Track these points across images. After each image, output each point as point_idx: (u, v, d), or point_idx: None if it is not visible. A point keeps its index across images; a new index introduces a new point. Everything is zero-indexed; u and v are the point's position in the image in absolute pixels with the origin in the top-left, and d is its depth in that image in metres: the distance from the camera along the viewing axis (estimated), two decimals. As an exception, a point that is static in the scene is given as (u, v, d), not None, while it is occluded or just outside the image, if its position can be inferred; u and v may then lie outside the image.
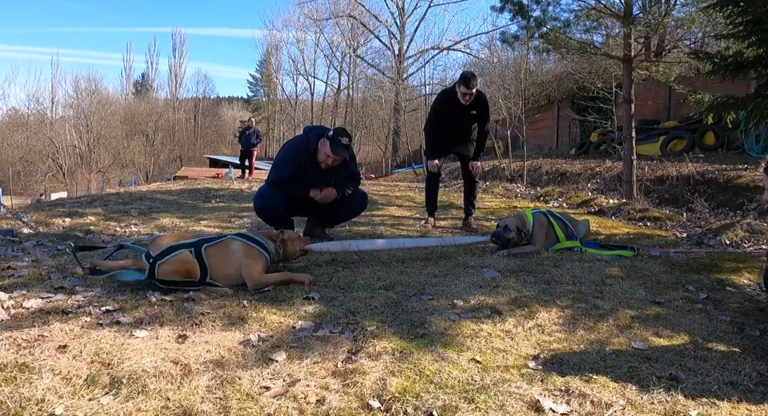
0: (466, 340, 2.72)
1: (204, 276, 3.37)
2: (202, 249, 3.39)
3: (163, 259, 3.31)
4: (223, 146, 55.83)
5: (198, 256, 3.36)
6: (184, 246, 3.40)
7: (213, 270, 3.40)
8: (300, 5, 44.44)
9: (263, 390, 2.13)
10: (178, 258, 3.33)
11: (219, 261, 3.42)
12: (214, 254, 3.42)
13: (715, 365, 2.53)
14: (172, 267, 3.31)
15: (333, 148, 4.54)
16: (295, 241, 3.90)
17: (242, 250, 3.50)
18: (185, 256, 3.34)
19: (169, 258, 3.32)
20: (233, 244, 3.52)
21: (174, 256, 3.33)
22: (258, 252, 3.54)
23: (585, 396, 2.15)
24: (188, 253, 3.35)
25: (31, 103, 51.36)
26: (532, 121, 18.53)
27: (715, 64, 6.12)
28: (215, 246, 3.47)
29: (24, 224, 4.76)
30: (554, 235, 4.92)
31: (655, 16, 8.76)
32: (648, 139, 13.78)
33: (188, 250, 3.37)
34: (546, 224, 4.91)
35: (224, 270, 3.43)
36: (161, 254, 3.33)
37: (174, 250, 3.36)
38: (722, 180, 8.62)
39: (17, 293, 3.14)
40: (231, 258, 3.46)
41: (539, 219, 4.90)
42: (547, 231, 4.90)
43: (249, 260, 3.47)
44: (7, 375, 2.12)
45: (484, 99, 6.20)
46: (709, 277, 4.13)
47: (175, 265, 3.31)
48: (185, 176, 28.28)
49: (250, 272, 3.45)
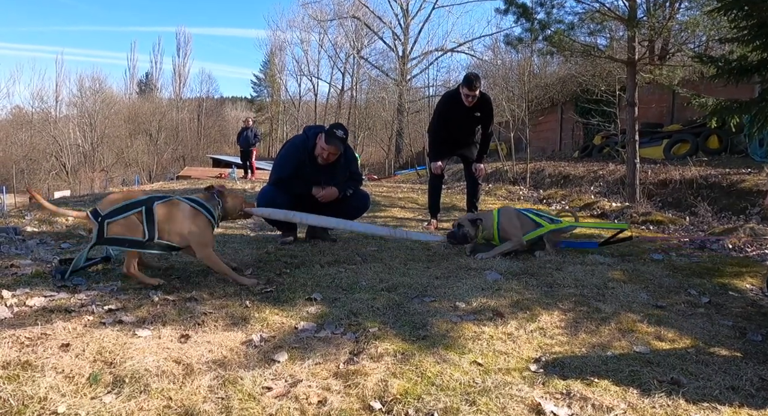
0: (467, 342, 2.72)
1: (152, 235, 3.36)
2: (154, 206, 3.39)
3: (113, 219, 3.31)
4: (226, 146, 55.82)
5: (149, 214, 3.36)
6: (135, 205, 3.37)
7: (162, 227, 3.40)
8: (304, 6, 44.72)
9: (265, 390, 2.13)
10: (128, 219, 3.33)
11: (169, 219, 3.43)
12: (164, 212, 3.42)
13: (716, 369, 2.53)
14: (119, 228, 3.31)
15: (327, 140, 4.61)
16: (236, 200, 3.89)
17: (190, 212, 3.51)
18: (132, 219, 3.34)
19: (119, 218, 3.32)
20: (182, 204, 3.52)
21: (125, 216, 3.33)
22: (206, 220, 3.56)
23: (586, 399, 2.15)
24: (136, 216, 3.34)
25: (36, 102, 51.50)
26: (535, 124, 18.53)
27: (719, 68, 6.12)
28: (165, 204, 3.45)
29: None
30: (531, 222, 4.78)
31: (660, 19, 8.76)
32: (651, 143, 13.77)
33: (139, 210, 3.35)
34: (514, 214, 4.80)
35: (174, 227, 3.44)
36: (111, 213, 3.32)
37: (126, 210, 3.34)
38: (725, 184, 8.60)
39: (20, 291, 3.15)
40: (179, 216, 3.47)
41: (505, 212, 4.79)
42: (521, 220, 4.76)
43: (196, 228, 3.48)
44: (10, 373, 2.13)
45: (487, 101, 6.21)
46: (712, 281, 4.12)
47: (122, 227, 3.31)
48: (188, 176, 28.36)
49: (199, 242, 3.49)
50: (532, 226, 4.78)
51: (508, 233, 4.69)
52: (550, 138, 22.64)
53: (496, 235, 4.72)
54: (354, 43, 41.77)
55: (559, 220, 4.88)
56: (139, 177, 35.57)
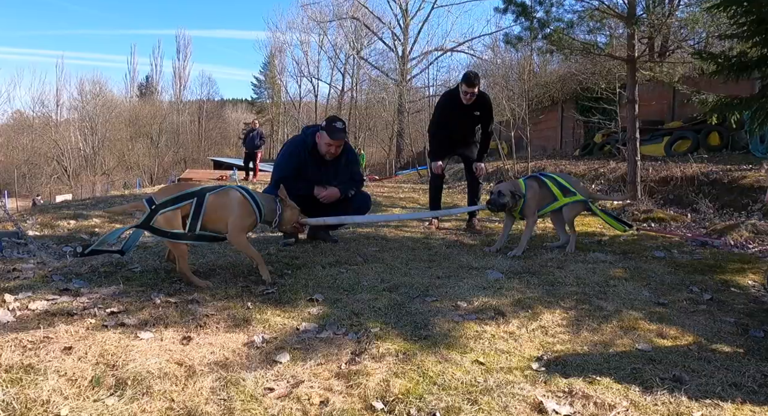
0: (469, 342, 2.73)
1: (194, 226, 3.48)
2: (206, 197, 3.53)
3: (166, 209, 3.42)
4: (227, 148, 55.96)
5: (198, 205, 3.49)
6: (188, 196, 3.50)
7: (210, 216, 3.52)
8: (303, 7, 44.64)
9: (267, 391, 2.14)
10: (175, 212, 3.44)
11: (217, 207, 3.57)
12: (214, 201, 3.57)
13: (719, 366, 2.53)
14: (167, 220, 3.42)
15: (330, 134, 4.64)
16: (294, 210, 4.03)
17: (239, 200, 3.68)
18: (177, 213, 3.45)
19: (171, 209, 3.43)
20: (233, 192, 3.71)
21: (174, 208, 3.44)
22: (251, 210, 3.71)
23: (588, 397, 2.15)
24: (184, 208, 3.47)
25: (36, 106, 51.71)
26: (535, 123, 18.49)
27: (719, 65, 6.10)
28: (217, 194, 3.62)
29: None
30: (550, 194, 4.90)
31: (659, 16, 8.73)
32: (652, 140, 13.74)
33: (190, 201, 3.48)
34: (537, 189, 4.89)
35: (220, 215, 3.59)
36: (165, 203, 3.43)
37: (179, 200, 3.47)
38: (727, 180, 8.57)
39: (23, 295, 3.16)
40: (229, 204, 3.64)
41: (531, 187, 4.88)
42: (541, 193, 4.88)
43: (240, 212, 3.65)
44: (12, 376, 2.13)
45: (487, 100, 6.21)
46: (713, 278, 4.12)
47: (172, 219, 3.43)
48: (189, 178, 28.42)
49: (235, 225, 3.63)
50: (550, 199, 4.88)
51: (527, 210, 4.82)
52: (551, 136, 22.60)
53: (519, 208, 4.83)
54: (354, 44, 41.78)
55: (574, 193, 4.90)
56: (140, 180, 35.62)
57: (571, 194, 4.90)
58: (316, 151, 4.76)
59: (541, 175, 5.10)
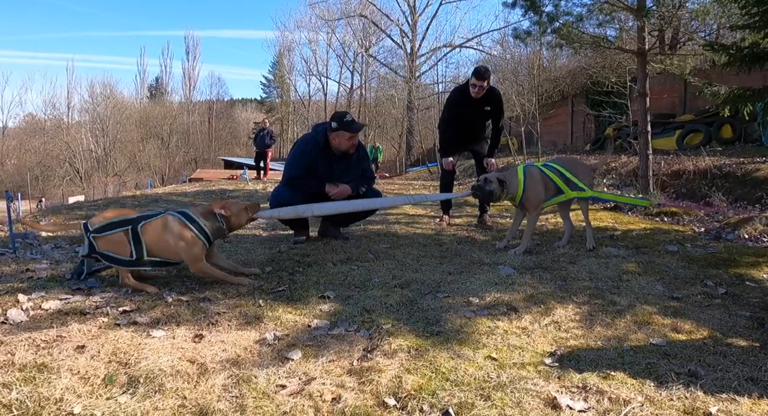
0: (482, 337, 2.71)
1: (140, 255, 3.35)
2: (139, 227, 3.37)
3: (101, 234, 3.33)
4: (237, 148, 56.14)
5: (135, 234, 3.35)
6: (123, 223, 3.37)
7: (151, 247, 3.37)
8: (311, 6, 44.63)
9: (279, 388, 2.13)
10: (114, 236, 3.35)
11: (155, 237, 3.39)
12: (150, 231, 3.39)
13: (734, 361, 2.50)
14: (107, 244, 3.34)
15: (350, 129, 4.67)
16: (240, 213, 3.73)
17: (177, 228, 3.42)
18: (119, 236, 3.35)
19: (106, 235, 3.34)
20: (169, 220, 3.45)
21: (112, 233, 3.34)
22: (192, 236, 3.43)
23: (603, 392, 2.13)
24: (123, 234, 3.35)
25: (48, 109, 52.13)
26: (546, 117, 18.43)
27: (730, 56, 6.04)
28: (151, 224, 3.42)
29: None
30: (554, 187, 4.69)
31: (669, 8, 8.66)
32: (664, 133, 13.62)
33: (125, 228, 3.35)
34: (538, 177, 4.67)
35: (162, 245, 3.40)
36: (99, 229, 3.34)
37: (114, 227, 3.35)
38: (740, 173, 8.50)
39: (36, 295, 3.18)
40: (166, 235, 3.41)
41: (530, 176, 4.65)
42: (544, 184, 4.67)
43: (183, 243, 3.41)
44: (26, 374, 2.14)
45: (497, 95, 6.18)
46: (728, 272, 4.08)
47: (110, 244, 3.34)
48: (200, 178, 28.52)
49: (189, 259, 3.44)
50: (554, 191, 4.69)
51: (529, 201, 4.63)
52: (561, 131, 22.49)
53: (519, 198, 4.64)
54: (362, 42, 41.81)
55: (583, 188, 4.70)
56: (151, 180, 35.81)
57: (579, 189, 4.71)
58: (327, 149, 4.76)
59: (545, 165, 4.85)
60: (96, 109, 50.38)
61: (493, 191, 4.57)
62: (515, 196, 4.65)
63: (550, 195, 4.70)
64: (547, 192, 4.68)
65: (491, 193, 4.58)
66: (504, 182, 4.59)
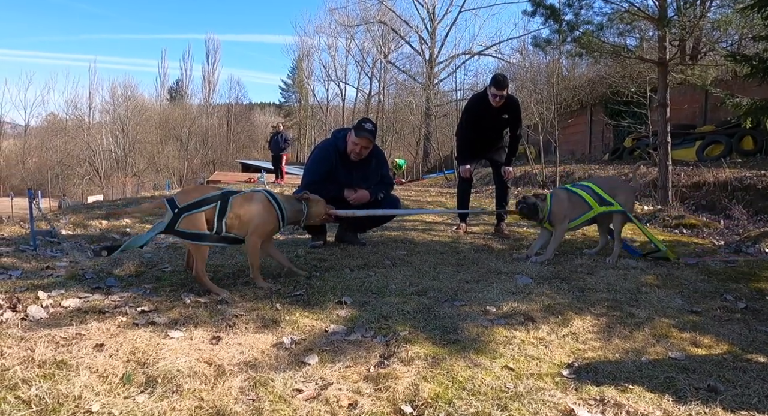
0: (499, 347, 2.70)
1: (219, 230, 3.46)
2: (229, 200, 3.51)
3: (190, 212, 3.38)
4: (255, 151, 56.43)
5: (222, 209, 3.47)
6: (211, 200, 3.46)
7: (232, 222, 3.50)
8: (331, 11, 44.81)
9: (296, 392, 2.14)
10: (198, 215, 3.41)
11: (242, 210, 3.55)
12: (238, 203, 3.55)
13: (755, 377, 2.46)
14: (189, 222, 3.37)
15: (357, 133, 4.64)
16: (319, 204, 4.05)
17: (264, 205, 3.66)
18: (208, 213, 3.44)
19: (194, 212, 3.39)
20: (258, 196, 3.69)
21: (200, 211, 3.41)
22: (275, 216, 3.69)
23: (620, 406, 2.11)
24: (210, 211, 3.44)
25: (70, 109, 52.76)
26: (564, 126, 18.32)
27: (753, 67, 5.98)
28: (243, 196, 3.62)
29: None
30: (583, 203, 4.76)
31: (690, 18, 8.60)
32: (684, 144, 13.50)
33: (213, 205, 3.45)
34: (565, 197, 4.78)
35: (244, 218, 3.55)
36: (188, 207, 3.39)
37: (202, 204, 3.43)
38: (761, 186, 8.39)
39: (56, 292, 3.22)
40: (254, 208, 3.61)
41: (556, 195, 4.80)
42: (569, 203, 4.76)
43: (262, 220, 3.62)
44: (45, 371, 2.17)
45: (516, 103, 6.16)
46: (748, 286, 4.02)
47: (193, 221, 3.38)
48: (218, 180, 28.71)
49: (256, 229, 3.60)
50: (584, 208, 4.76)
51: (554, 215, 4.72)
52: (580, 141, 22.36)
53: (545, 214, 4.76)
54: (381, 48, 41.87)
55: (611, 203, 4.72)
56: (169, 181, 36.11)
57: (608, 204, 4.73)
58: (346, 154, 4.77)
59: (574, 185, 4.96)
60: (117, 110, 50.95)
61: (537, 205, 4.74)
62: (545, 215, 4.77)
63: (580, 212, 4.76)
64: (576, 209, 4.76)
65: (535, 206, 4.75)
66: (539, 197, 4.81)
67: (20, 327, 2.67)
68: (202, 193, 3.51)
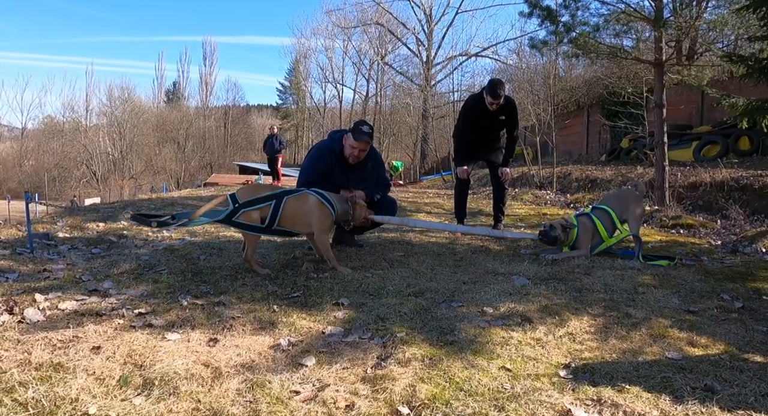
0: (496, 348, 2.70)
1: (271, 224, 3.94)
2: (283, 201, 3.97)
3: (248, 208, 3.87)
4: (252, 153, 56.36)
5: (276, 207, 3.94)
6: (268, 198, 3.95)
7: (284, 218, 3.97)
8: (328, 13, 44.97)
9: (293, 394, 2.14)
10: (256, 210, 3.90)
11: (293, 211, 4.00)
12: (291, 204, 4.00)
13: (751, 376, 2.47)
14: (247, 215, 3.87)
15: (355, 136, 4.64)
16: (362, 207, 4.40)
17: (317, 204, 4.08)
18: (263, 210, 3.92)
19: (252, 209, 3.88)
20: (310, 197, 4.10)
21: (257, 208, 3.90)
22: (329, 212, 4.11)
23: (617, 406, 2.12)
24: (266, 208, 3.93)
25: (67, 111, 52.78)
26: (561, 127, 18.31)
27: (749, 67, 6.00)
28: (296, 198, 4.06)
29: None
30: (599, 236, 4.98)
31: (687, 19, 8.60)
32: (680, 145, 13.52)
33: (269, 203, 3.93)
34: (591, 228, 4.96)
35: (297, 218, 4.04)
36: (248, 203, 3.88)
37: (260, 202, 3.91)
38: (758, 186, 8.40)
39: (53, 295, 3.21)
40: (307, 208, 4.06)
41: (583, 223, 4.97)
42: (593, 230, 4.97)
43: (320, 215, 4.07)
44: (42, 374, 2.17)
45: (512, 104, 6.16)
46: (745, 286, 4.03)
47: (250, 215, 3.88)
48: (215, 182, 28.72)
49: (319, 228, 4.10)
50: (599, 240, 4.99)
51: (580, 244, 4.92)
52: (577, 141, 22.38)
53: (571, 242, 4.94)
54: (378, 50, 41.87)
55: (620, 230, 5.02)
56: (166, 184, 36.06)
57: (617, 231, 5.00)
58: (343, 156, 4.77)
59: (594, 209, 5.16)
60: (114, 113, 50.92)
61: (558, 237, 4.89)
62: (569, 243, 4.95)
63: (599, 241, 4.99)
64: (594, 239, 4.99)
65: (556, 238, 4.90)
66: (567, 228, 4.91)
67: (17, 329, 2.67)
68: (260, 192, 4.01)
